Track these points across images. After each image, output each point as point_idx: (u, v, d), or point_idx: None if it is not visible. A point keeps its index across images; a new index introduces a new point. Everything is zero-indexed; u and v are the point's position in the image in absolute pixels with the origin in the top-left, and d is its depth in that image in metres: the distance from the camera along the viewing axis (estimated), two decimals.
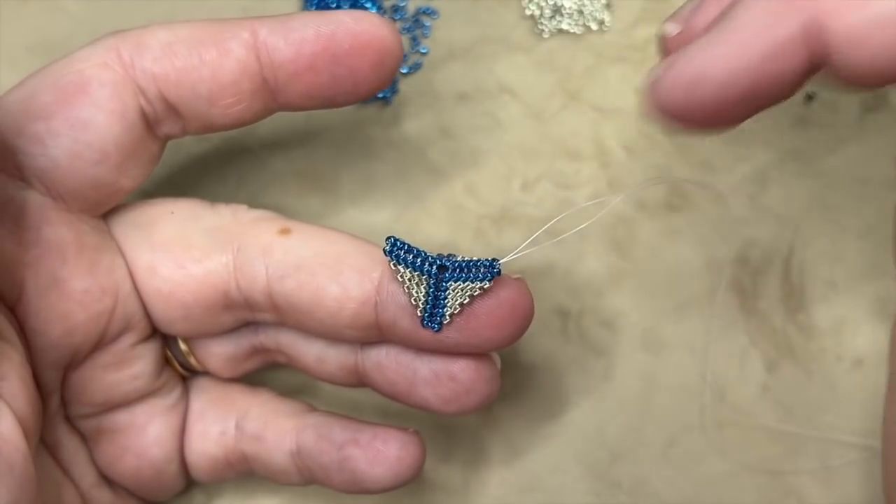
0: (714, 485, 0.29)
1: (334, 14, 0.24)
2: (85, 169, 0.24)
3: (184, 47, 0.24)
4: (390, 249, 0.23)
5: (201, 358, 0.27)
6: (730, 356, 0.30)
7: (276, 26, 0.24)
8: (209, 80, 0.24)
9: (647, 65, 0.33)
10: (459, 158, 0.33)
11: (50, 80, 0.24)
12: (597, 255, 0.31)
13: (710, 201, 0.31)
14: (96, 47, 0.24)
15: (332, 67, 0.24)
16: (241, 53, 0.24)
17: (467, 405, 0.25)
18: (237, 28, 0.24)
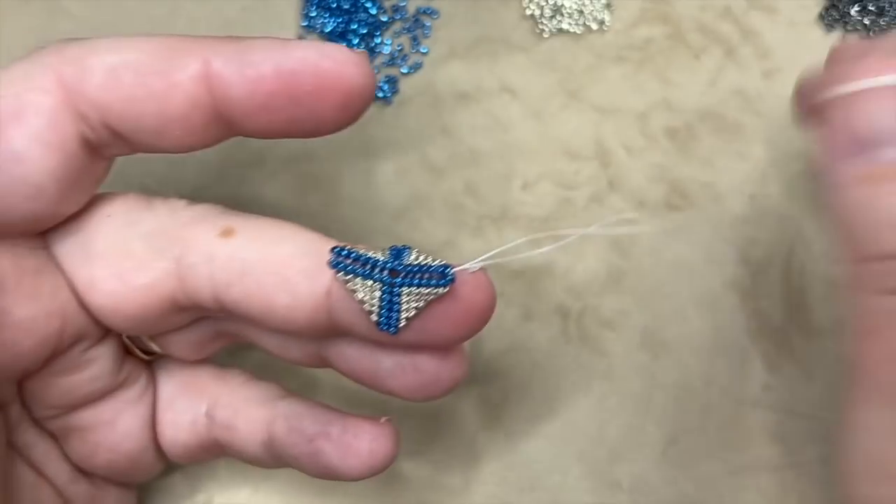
0: (714, 484, 0.29)
1: (298, 47, 0.21)
2: (19, 204, 0.22)
3: (130, 74, 0.21)
4: (335, 261, 0.22)
5: (163, 344, 0.26)
6: (730, 356, 0.30)
7: (232, 57, 0.21)
8: (155, 113, 0.22)
9: (647, 65, 0.33)
10: (459, 158, 0.33)
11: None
12: (597, 255, 0.31)
13: (711, 201, 0.31)
14: (35, 66, 0.22)
15: (291, 108, 0.22)
16: (191, 87, 0.21)
17: (435, 393, 0.24)
18: (188, 56, 0.21)
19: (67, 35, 0.35)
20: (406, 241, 0.32)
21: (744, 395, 0.30)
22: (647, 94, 0.33)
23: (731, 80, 0.32)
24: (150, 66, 0.21)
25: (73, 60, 0.22)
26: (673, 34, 0.33)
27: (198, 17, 0.35)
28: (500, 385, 0.31)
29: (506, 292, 0.31)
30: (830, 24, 0.33)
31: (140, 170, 0.33)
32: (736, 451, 0.29)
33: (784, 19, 0.33)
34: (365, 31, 0.34)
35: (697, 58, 0.33)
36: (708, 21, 0.33)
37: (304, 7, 0.34)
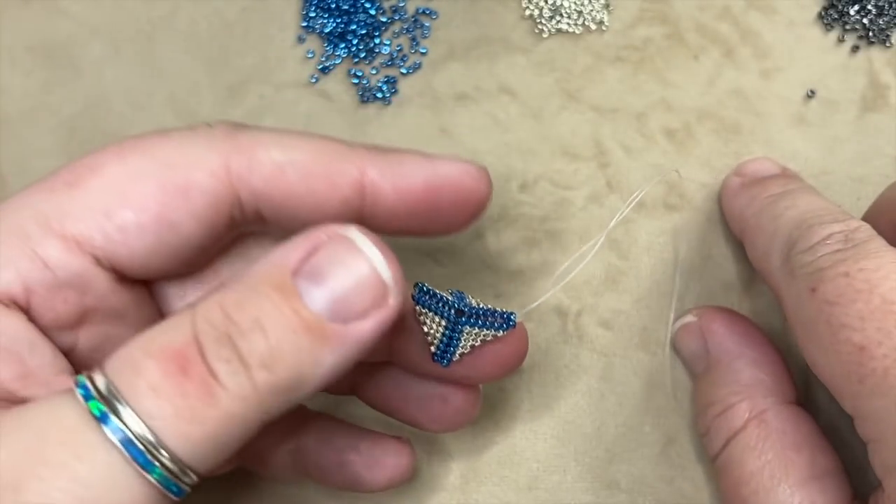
0: (712, 483, 0.29)
1: (443, 163, 0.24)
2: (157, 262, 0.23)
3: (295, 173, 0.23)
4: (417, 296, 0.24)
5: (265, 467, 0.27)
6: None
7: (386, 169, 0.24)
8: (310, 209, 0.23)
9: (645, 65, 0.33)
10: None
11: (155, 169, 0.22)
12: (596, 255, 0.31)
13: (710, 200, 0.32)
14: (209, 151, 0.23)
15: (430, 214, 0.24)
16: (347, 191, 0.23)
17: (454, 425, 0.26)
18: (348, 164, 0.23)
19: (67, 36, 0.35)
20: (405, 242, 0.32)
21: None
22: (645, 95, 0.33)
23: (730, 80, 0.32)
24: (314, 169, 0.23)
25: (243, 150, 0.23)
26: (671, 34, 0.33)
27: (198, 17, 0.35)
28: (499, 384, 0.31)
29: (505, 292, 0.31)
30: (829, 23, 0.33)
31: None
32: None
33: (783, 19, 0.33)
34: (364, 32, 0.34)
35: (696, 58, 0.33)
36: (707, 21, 0.33)
37: (304, 7, 0.34)
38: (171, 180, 0.22)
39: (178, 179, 0.22)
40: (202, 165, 0.23)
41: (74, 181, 0.22)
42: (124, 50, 0.35)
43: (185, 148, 0.23)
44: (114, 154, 0.23)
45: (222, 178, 0.23)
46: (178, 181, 0.22)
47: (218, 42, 0.34)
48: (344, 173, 0.23)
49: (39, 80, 0.35)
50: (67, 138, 0.34)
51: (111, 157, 0.23)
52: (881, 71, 0.32)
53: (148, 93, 0.34)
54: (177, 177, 0.22)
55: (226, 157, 0.23)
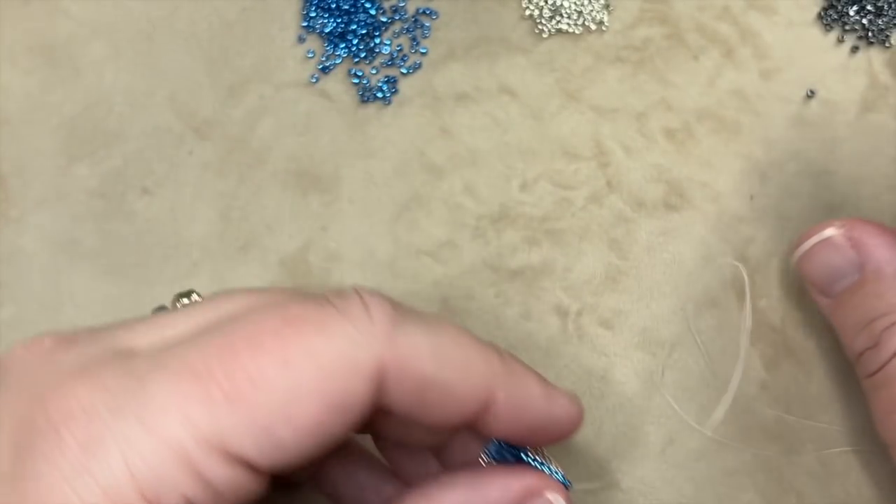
0: (713, 483, 0.29)
1: (557, 403, 0.24)
2: (297, 463, 0.22)
3: (438, 391, 0.22)
4: (493, 456, 0.25)
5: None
6: (728, 355, 0.30)
7: (511, 393, 0.23)
8: (431, 416, 0.23)
9: (645, 65, 0.33)
10: (459, 158, 0.33)
11: (317, 381, 0.21)
12: (596, 255, 0.31)
13: (709, 200, 0.32)
14: (369, 356, 0.21)
15: (522, 434, 0.24)
16: (474, 409, 0.23)
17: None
18: (482, 381, 0.23)
19: (67, 36, 0.35)
20: (406, 242, 0.32)
21: (742, 394, 0.30)
22: (645, 95, 0.33)
23: (730, 80, 0.33)
24: (455, 385, 0.22)
25: (400, 356, 0.21)
26: (671, 35, 0.33)
27: (197, 18, 0.35)
28: None
29: (505, 292, 0.31)
30: (829, 24, 0.33)
31: (141, 170, 0.33)
32: (734, 451, 0.29)
33: (782, 19, 0.33)
34: (364, 32, 0.34)
35: (696, 58, 0.33)
36: (706, 21, 0.33)
37: (304, 7, 0.34)
38: (333, 398, 0.21)
39: (338, 396, 0.21)
40: (361, 373, 0.21)
41: (234, 395, 0.20)
42: (124, 50, 0.35)
43: (346, 350, 0.21)
44: (276, 355, 0.20)
45: (376, 384, 0.21)
46: (338, 398, 0.21)
47: (218, 42, 0.34)
48: (477, 393, 0.23)
49: (39, 79, 0.35)
50: (67, 138, 0.34)
51: (272, 361, 0.20)
52: (881, 71, 0.32)
53: (148, 93, 0.34)
54: (337, 392, 0.21)
55: (382, 363, 0.21)
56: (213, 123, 0.34)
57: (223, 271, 0.32)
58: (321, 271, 0.32)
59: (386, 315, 0.21)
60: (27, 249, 0.33)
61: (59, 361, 0.21)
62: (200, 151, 0.33)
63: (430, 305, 0.31)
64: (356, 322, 0.21)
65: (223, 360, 0.20)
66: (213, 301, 0.22)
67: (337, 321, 0.21)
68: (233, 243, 0.33)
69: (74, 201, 0.33)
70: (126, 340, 0.21)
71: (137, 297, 0.32)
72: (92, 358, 0.21)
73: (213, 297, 0.23)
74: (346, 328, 0.21)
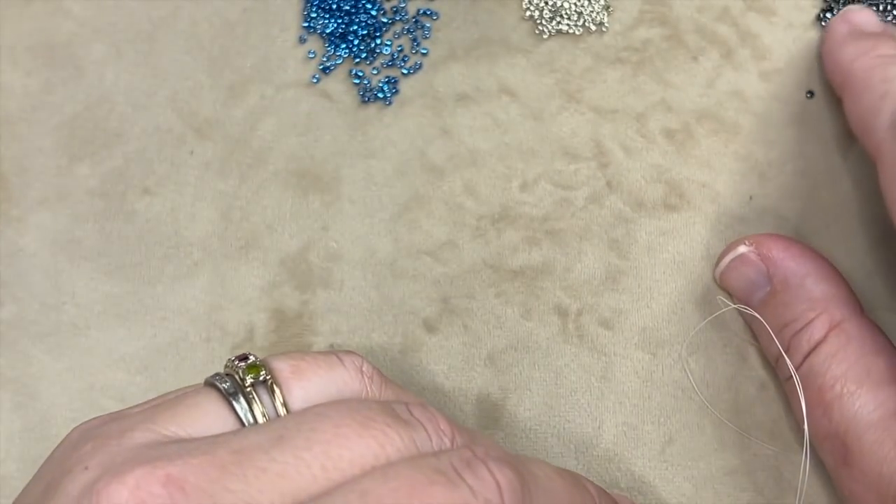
0: (712, 483, 0.29)
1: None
2: None
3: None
4: None
5: None
6: (728, 354, 0.30)
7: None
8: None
9: (645, 66, 0.33)
10: (459, 158, 0.33)
11: None
12: (595, 255, 0.31)
13: (709, 201, 0.32)
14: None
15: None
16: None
17: None
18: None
19: (69, 36, 0.35)
20: (406, 242, 0.32)
21: (741, 393, 0.30)
22: (645, 96, 0.33)
23: (729, 81, 0.33)
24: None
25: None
26: (671, 36, 0.33)
27: (198, 18, 0.35)
28: (499, 384, 0.31)
29: (505, 291, 0.31)
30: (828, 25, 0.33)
31: (142, 170, 0.34)
32: (733, 450, 0.30)
33: (782, 21, 0.33)
34: (365, 33, 0.34)
35: (695, 59, 0.33)
36: (706, 22, 0.33)
37: (305, 8, 0.34)
38: None
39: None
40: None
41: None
42: (125, 50, 0.35)
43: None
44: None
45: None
46: None
47: (219, 42, 0.34)
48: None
49: (40, 79, 0.35)
50: (68, 138, 0.34)
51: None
52: None
53: (149, 93, 0.34)
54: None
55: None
56: (214, 123, 0.34)
57: (224, 271, 0.32)
58: (322, 271, 0.32)
59: (516, 497, 0.21)
60: (28, 249, 0.33)
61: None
62: (201, 151, 0.34)
63: (430, 305, 0.31)
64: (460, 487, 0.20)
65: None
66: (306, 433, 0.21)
67: (442, 480, 0.20)
68: (233, 243, 0.33)
69: (75, 201, 0.33)
70: (247, 499, 0.20)
71: (138, 296, 0.33)
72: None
73: (302, 420, 0.21)
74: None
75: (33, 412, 0.32)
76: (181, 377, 0.32)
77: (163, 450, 0.20)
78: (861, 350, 0.27)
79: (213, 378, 0.23)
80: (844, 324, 0.27)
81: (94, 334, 0.32)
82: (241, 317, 0.32)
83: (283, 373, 0.23)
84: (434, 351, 0.31)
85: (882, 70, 0.28)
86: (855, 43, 0.30)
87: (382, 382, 0.25)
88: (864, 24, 0.31)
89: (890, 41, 0.30)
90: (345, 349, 0.25)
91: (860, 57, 0.29)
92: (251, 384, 0.23)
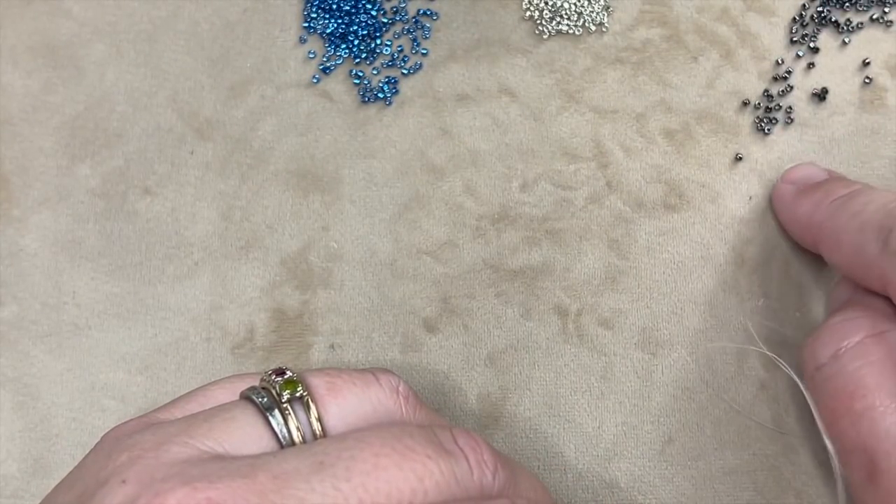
0: (712, 482, 0.30)
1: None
2: None
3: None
4: None
5: None
6: (727, 354, 0.30)
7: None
8: None
9: (645, 66, 0.33)
10: (459, 158, 0.33)
11: None
12: (595, 255, 0.32)
13: (708, 201, 0.32)
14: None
15: None
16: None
17: None
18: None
19: (69, 36, 0.35)
20: (406, 242, 0.32)
21: (741, 393, 0.30)
22: (645, 96, 0.33)
23: (729, 81, 0.33)
24: None
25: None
26: (671, 36, 0.33)
27: (199, 18, 0.35)
28: (500, 383, 0.31)
29: (505, 291, 0.31)
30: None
31: (142, 170, 0.34)
32: (733, 450, 0.30)
33: (782, 21, 0.33)
34: (365, 33, 0.34)
35: (695, 59, 0.33)
36: (706, 23, 0.33)
37: (305, 8, 0.34)
38: None
39: None
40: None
41: None
42: (126, 50, 0.35)
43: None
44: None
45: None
46: None
47: (219, 43, 0.34)
48: None
49: (41, 79, 0.35)
50: (69, 138, 0.34)
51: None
52: (879, 73, 0.32)
53: (149, 93, 0.34)
54: None
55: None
56: (215, 124, 0.34)
57: (224, 271, 0.32)
58: (322, 271, 0.32)
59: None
60: (29, 249, 0.33)
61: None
62: (202, 151, 0.34)
63: (430, 305, 0.31)
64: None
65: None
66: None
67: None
68: (234, 243, 0.33)
69: (76, 201, 0.33)
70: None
71: (139, 296, 0.33)
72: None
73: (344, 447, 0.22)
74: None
75: (34, 412, 0.32)
76: (181, 377, 0.32)
77: (203, 469, 0.20)
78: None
79: (249, 391, 0.23)
80: (888, 334, 0.25)
81: (94, 334, 0.32)
82: (241, 317, 0.32)
83: (318, 389, 0.23)
84: (434, 351, 0.31)
85: (846, 209, 0.27)
86: (806, 197, 0.29)
87: (417, 404, 0.25)
88: (807, 177, 0.30)
89: (838, 183, 0.29)
90: (382, 368, 0.25)
91: (817, 208, 0.29)
92: (287, 399, 0.23)
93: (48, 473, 0.31)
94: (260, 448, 0.22)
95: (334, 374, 0.24)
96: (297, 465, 0.20)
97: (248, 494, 0.20)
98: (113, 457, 0.21)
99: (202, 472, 0.20)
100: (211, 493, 0.19)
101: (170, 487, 0.19)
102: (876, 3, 0.33)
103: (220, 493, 0.19)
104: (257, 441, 0.22)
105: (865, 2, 0.33)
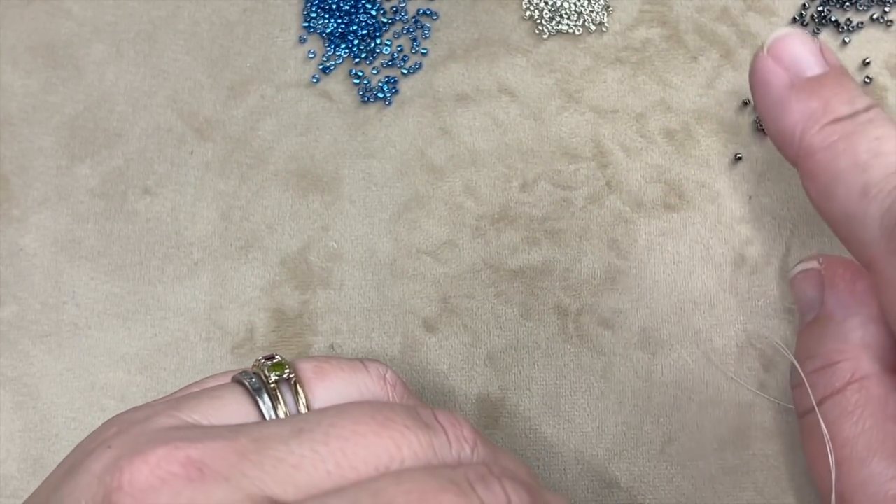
0: (712, 482, 0.30)
1: None
2: None
3: None
4: None
5: None
6: (727, 354, 0.30)
7: None
8: None
9: (645, 66, 0.33)
10: (459, 158, 0.33)
11: None
12: (595, 255, 0.32)
13: (708, 201, 0.32)
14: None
15: None
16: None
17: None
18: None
19: (69, 36, 0.35)
20: (406, 242, 0.32)
21: (740, 393, 0.30)
22: (645, 96, 0.33)
23: (729, 81, 0.33)
24: None
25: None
26: (671, 36, 0.33)
27: (198, 18, 0.35)
28: (500, 384, 0.31)
29: (505, 291, 0.31)
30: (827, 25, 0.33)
31: (142, 170, 0.34)
32: (733, 450, 0.30)
33: (781, 21, 0.33)
34: (365, 33, 0.34)
35: (695, 59, 0.33)
36: (705, 23, 0.33)
37: (305, 8, 0.34)
38: None
39: None
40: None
41: None
42: (126, 50, 0.35)
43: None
44: None
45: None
46: None
47: (219, 42, 0.34)
48: None
49: (41, 79, 0.35)
50: (69, 138, 0.34)
51: None
52: (879, 73, 0.32)
53: (149, 93, 0.34)
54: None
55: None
56: (215, 123, 0.34)
57: (224, 271, 0.32)
58: (322, 271, 0.32)
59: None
60: (29, 249, 0.33)
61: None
62: (201, 151, 0.34)
63: (430, 305, 0.31)
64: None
65: None
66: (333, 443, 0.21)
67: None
68: (234, 243, 0.33)
69: (76, 201, 0.33)
70: (262, 487, 0.20)
71: (138, 296, 0.33)
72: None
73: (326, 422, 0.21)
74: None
75: (34, 412, 0.32)
76: (181, 377, 0.32)
77: (185, 433, 0.21)
78: (883, 413, 0.24)
79: (239, 375, 0.24)
80: (869, 380, 0.24)
81: (94, 334, 0.32)
82: (241, 317, 0.32)
83: (306, 372, 0.24)
84: (434, 351, 0.31)
85: (847, 148, 0.23)
86: (800, 102, 0.24)
87: (405, 392, 0.25)
88: (801, 63, 0.25)
89: (841, 91, 0.24)
90: (372, 359, 0.25)
91: (811, 126, 0.24)
92: (275, 381, 0.23)
93: (48, 473, 0.31)
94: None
95: (322, 360, 0.24)
96: (277, 431, 0.21)
97: (228, 454, 0.20)
98: (102, 431, 0.22)
99: (184, 435, 0.20)
100: (191, 451, 0.20)
101: (151, 448, 0.20)
102: (876, 3, 0.33)
103: (200, 451, 0.20)
104: (244, 419, 0.22)
105: (865, 2, 0.33)
